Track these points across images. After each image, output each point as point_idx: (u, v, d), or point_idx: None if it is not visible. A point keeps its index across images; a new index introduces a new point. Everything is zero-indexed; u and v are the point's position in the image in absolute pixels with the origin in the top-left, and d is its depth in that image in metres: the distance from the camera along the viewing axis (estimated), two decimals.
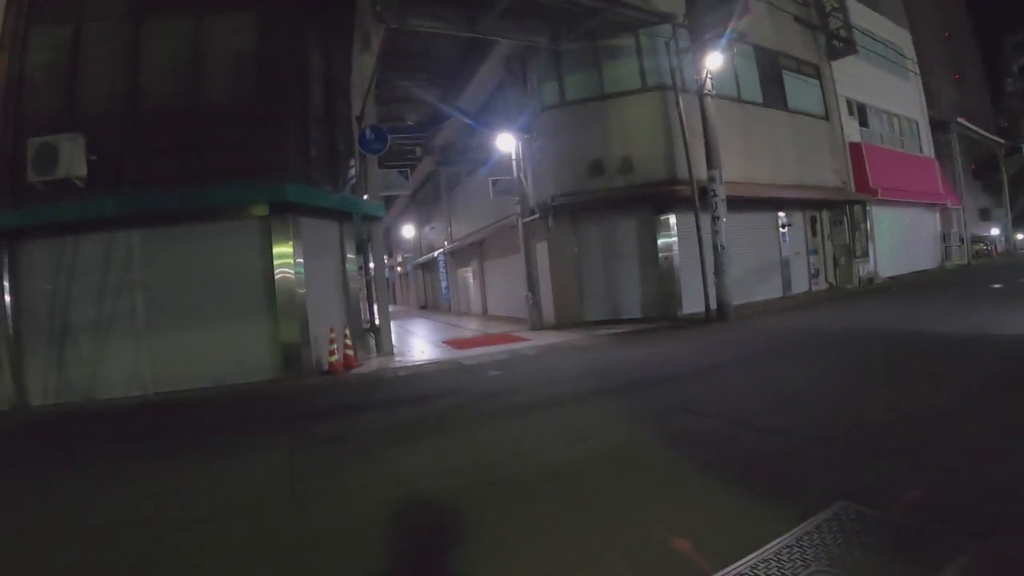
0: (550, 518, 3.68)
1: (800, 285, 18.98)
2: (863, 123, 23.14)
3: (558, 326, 15.72)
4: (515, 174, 16.40)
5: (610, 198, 15.41)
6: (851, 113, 22.33)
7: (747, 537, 3.09)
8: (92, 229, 10.85)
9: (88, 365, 10.84)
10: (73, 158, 10.67)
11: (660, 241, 15.40)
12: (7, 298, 10.86)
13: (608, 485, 4.15)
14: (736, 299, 14.64)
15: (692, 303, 15.05)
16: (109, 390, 10.73)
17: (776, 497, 3.60)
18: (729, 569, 2.83)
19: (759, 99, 18.28)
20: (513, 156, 16.33)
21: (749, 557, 2.92)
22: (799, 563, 2.83)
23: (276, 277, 11.20)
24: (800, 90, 19.95)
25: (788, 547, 2.98)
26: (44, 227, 10.77)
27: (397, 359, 12.66)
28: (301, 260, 11.40)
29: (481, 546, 3.40)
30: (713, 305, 14.36)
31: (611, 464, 4.59)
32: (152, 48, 11.60)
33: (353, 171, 14.08)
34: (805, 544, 2.99)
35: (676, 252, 15.35)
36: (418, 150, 21.98)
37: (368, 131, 13.23)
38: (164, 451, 6.65)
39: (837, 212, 20.82)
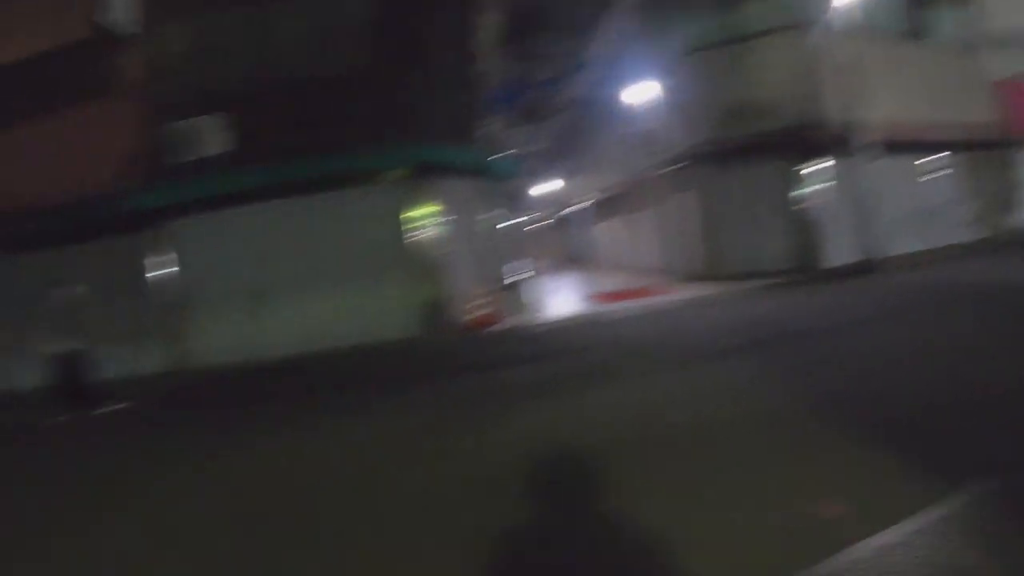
0: (698, 477, 3.66)
1: (951, 236, 16.71)
2: None
3: (700, 279, 15.05)
4: (652, 124, 15.70)
5: (751, 145, 14.50)
6: (1007, 46, 18.88)
7: (897, 506, 2.92)
8: (240, 202, 11.60)
9: (246, 327, 11.83)
10: (215, 137, 11.57)
11: (803, 190, 14.33)
12: (173, 269, 12.14)
13: (758, 445, 4.06)
14: (884, 251, 13.64)
15: (838, 255, 14.01)
16: (266, 350, 11.52)
17: (929, 464, 3.36)
18: (875, 537, 2.70)
19: (908, 33, 16.34)
20: (650, 106, 15.67)
21: (898, 526, 2.77)
22: (949, 537, 2.65)
23: (416, 237, 11.63)
24: (949, 21, 17.22)
25: (941, 519, 2.80)
26: (196, 203, 11.69)
27: (538, 315, 12.70)
28: (440, 219, 11.75)
29: (630, 501, 3.43)
30: (860, 257, 13.37)
31: (762, 422, 4.48)
32: (280, 22, 12.10)
33: (487, 129, 14.09)
34: (955, 519, 2.79)
35: (820, 201, 14.26)
36: (551, 105, 21.65)
37: (499, 88, 13.12)
38: (332, 406, 7.16)
39: (992, 156, 17.93)
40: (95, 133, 12.33)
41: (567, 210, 32.13)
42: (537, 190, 38.11)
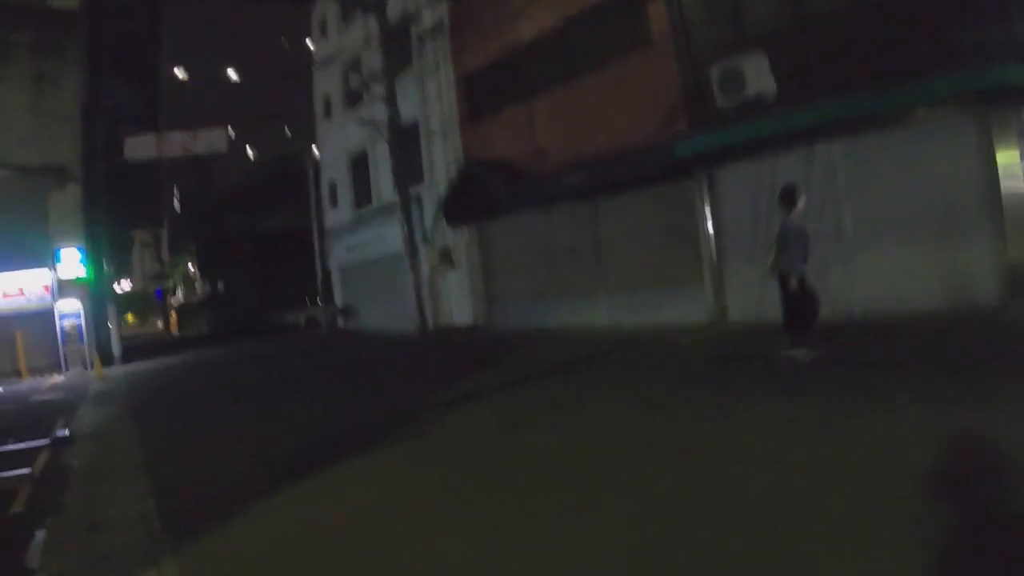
0: None
1: None
2: None
3: None
4: None
5: None
6: None
7: None
8: (787, 146, 10.53)
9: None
10: (759, 76, 10.42)
11: None
12: (708, 222, 11.95)
13: None
14: None
15: None
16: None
17: None
18: None
19: None
20: None
21: None
22: None
23: (1000, 184, 8.92)
24: None
25: None
26: (738, 149, 10.97)
27: None
28: None
29: None
30: None
31: None
32: None
33: None
34: None
35: None
36: None
37: None
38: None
39: None
40: (636, 83, 12.98)
41: None
42: None
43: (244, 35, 64.47)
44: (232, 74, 39.44)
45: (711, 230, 11.89)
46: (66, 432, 8.38)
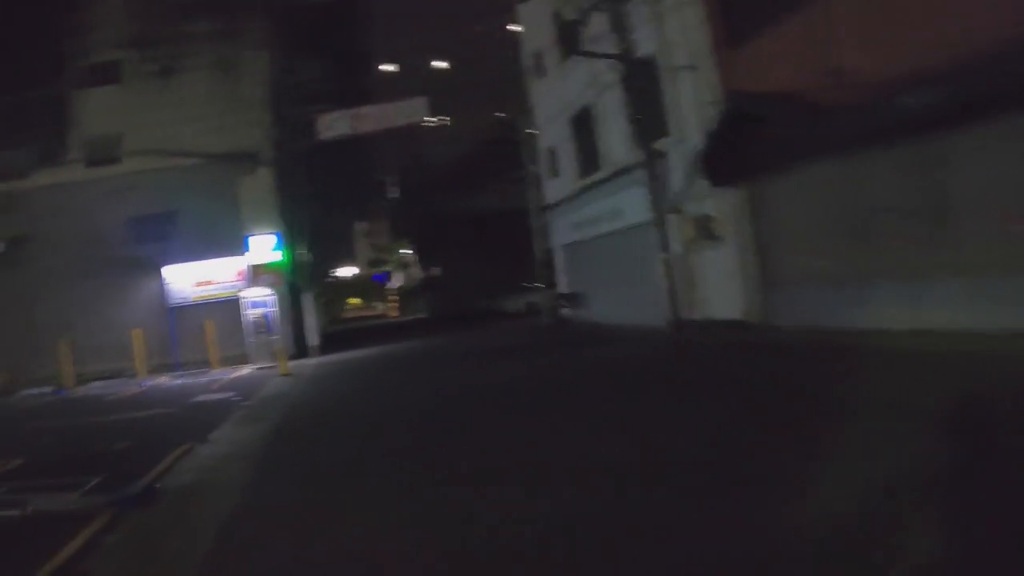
0: None
1: None
2: None
3: None
4: None
5: None
6: None
7: None
8: None
9: None
10: None
11: None
12: None
13: None
14: None
15: None
16: None
17: None
18: None
19: None
20: None
21: None
22: None
23: None
24: None
25: None
26: None
27: None
28: None
29: None
30: None
31: None
32: None
33: None
34: None
35: None
36: None
37: None
38: None
39: None
40: None
41: None
42: None
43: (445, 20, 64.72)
44: (434, 58, 38.25)
45: None
46: (155, 484, 6.28)
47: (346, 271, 67.72)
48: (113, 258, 20.16)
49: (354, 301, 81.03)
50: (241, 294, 19.72)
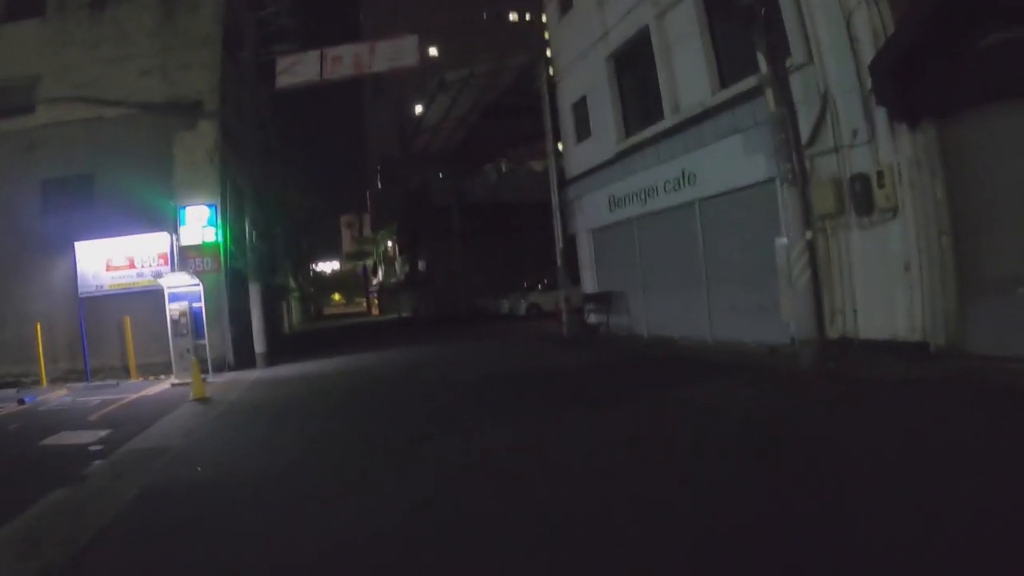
0: None
1: None
2: None
3: None
4: None
5: None
6: None
7: None
8: None
9: None
10: None
11: None
12: None
13: None
14: None
15: None
16: None
17: None
18: None
19: None
20: None
21: None
22: None
23: None
24: None
25: None
26: None
27: None
28: None
29: None
30: None
31: None
32: None
33: None
34: None
35: None
36: None
37: None
38: None
39: None
40: None
41: None
42: None
43: None
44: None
45: None
46: None
47: (328, 266, 63.71)
48: (18, 231, 15.28)
49: (337, 297, 78.99)
50: (160, 282, 14.22)
